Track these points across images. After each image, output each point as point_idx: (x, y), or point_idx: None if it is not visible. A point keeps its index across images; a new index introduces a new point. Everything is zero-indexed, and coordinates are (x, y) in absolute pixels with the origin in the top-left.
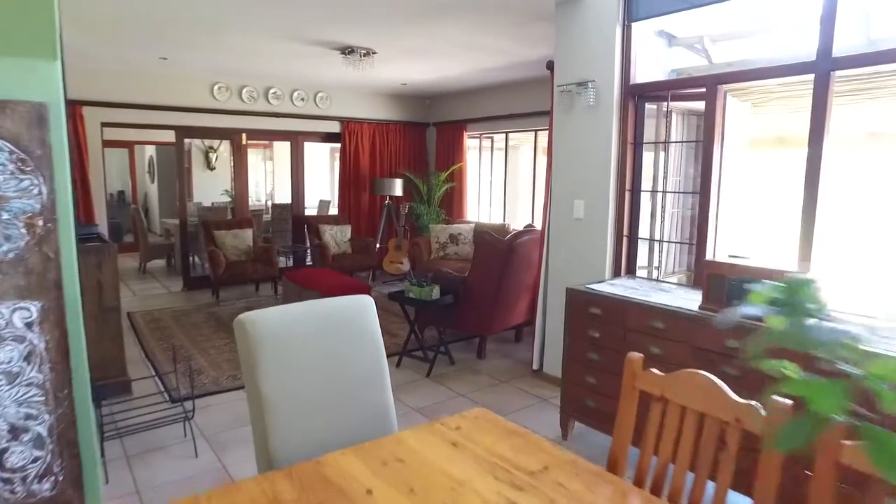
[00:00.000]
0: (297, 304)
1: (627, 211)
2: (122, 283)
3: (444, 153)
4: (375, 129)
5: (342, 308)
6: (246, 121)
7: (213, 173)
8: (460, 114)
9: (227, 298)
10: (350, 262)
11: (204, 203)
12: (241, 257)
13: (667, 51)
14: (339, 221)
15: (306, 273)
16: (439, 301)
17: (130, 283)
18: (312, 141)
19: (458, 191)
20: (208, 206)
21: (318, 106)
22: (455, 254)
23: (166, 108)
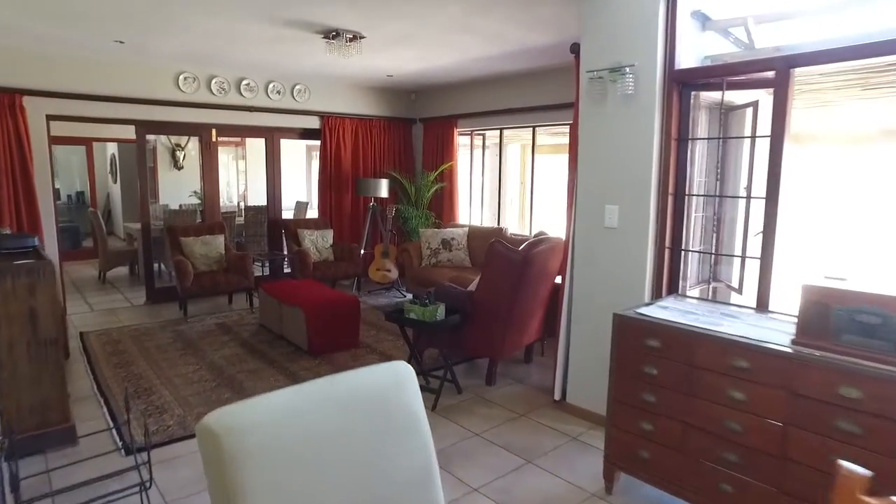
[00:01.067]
0: (301, 387)
1: (670, 218)
2: (78, 295)
3: (433, 151)
4: (358, 124)
5: (371, 386)
6: (216, 115)
7: (180, 173)
8: (450, 108)
9: (196, 313)
10: (333, 270)
11: (171, 205)
12: (212, 267)
13: (699, 35)
14: (319, 226)
15: (286, 285)
16: (445, 322)
17: (89, 294)
18: (289, 137)
19: (448, 192)
20: (175, 209)
21: (296, 99)
22: (448, 261)
23: (124, 99)
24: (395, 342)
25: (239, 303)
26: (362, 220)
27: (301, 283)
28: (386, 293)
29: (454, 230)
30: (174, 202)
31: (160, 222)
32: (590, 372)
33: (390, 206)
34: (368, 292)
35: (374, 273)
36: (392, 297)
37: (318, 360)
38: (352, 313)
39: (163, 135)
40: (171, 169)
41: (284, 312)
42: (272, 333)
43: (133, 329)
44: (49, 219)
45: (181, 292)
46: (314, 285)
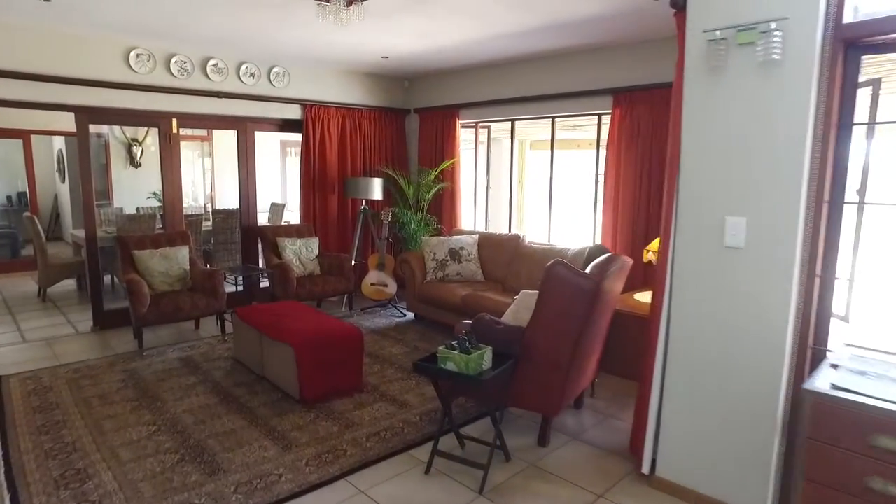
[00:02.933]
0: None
1: (823, 235)
2: (9, 317)
3: (431, 146)
4: (345, 115)
5: None
6: (177, 101)
7: (138, 172)
8: (451, 97)
9: (154, 344)
10: (320, 286)
11: (127, 209)
12: (174, 286)
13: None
14: (303, 233)
15: (266, 311)
16: (498, 377)
17: (23, 316)
18: (266, 130)
19: (449, 193)
20: (132, 214)
21: (273, 84)
22: (458, 274)
23: (58, 79)
24: (405, 382)
25: (208, 328)
26: (352, 227)
27: (283, 305)
28: (381, 311)
29: (463, 238)
30: (131, 205)
31: (113, 228)
32: (693, 438)
33: (385, 209)
34: (362, 310)
35: (367, 288)
36: (390, 317)
37: (312, 411)
38: (353, 349)
39: (111, 125)
40: (128, 166)
41: (267, 348)
42: (251, 374)
43: (72, 369)
44: None
45: (135, 320)
46: (301, 310)
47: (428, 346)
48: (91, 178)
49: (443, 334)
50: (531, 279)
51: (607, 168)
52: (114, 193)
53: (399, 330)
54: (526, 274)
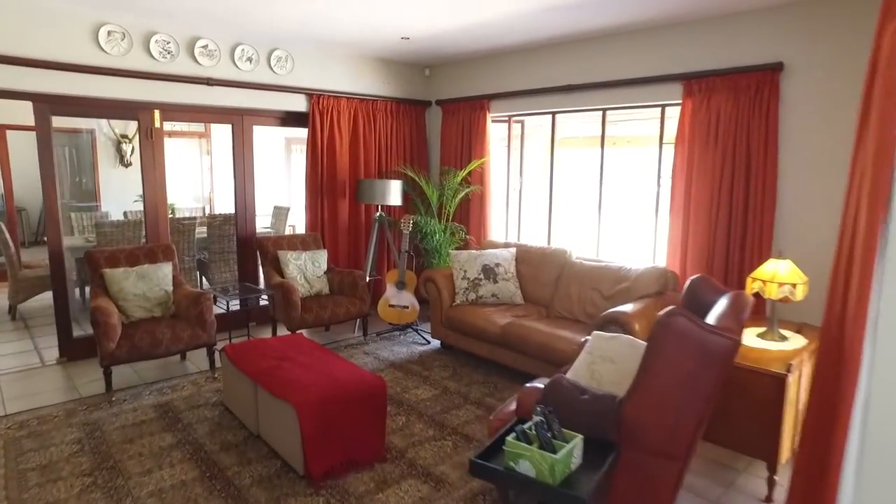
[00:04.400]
0: None
1: None
2: None
3: (455, 143)
4: (358, 107)
5: None
6: (159, 89)
7: (128, 171)
8: (480, 86)
9: (128, 382)
10: (330, 309)
11: (114, 213)
12: (154, 311)
13: None
14: (308, 245)
15: (262, 350)
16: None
17: None
18: (265, 123)
19: (478, 198)
20: (114, 221)
21: (274, 70)
22: (493, 296)
23: (7, 59)
24: (439, 444)
25: (195, 358)
26: (365, 237)
27: (285, 342)
28: (401, 336)
29: (498, 252)
30: (120, 209)
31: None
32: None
33: (405, 216)
34: (378, 336)
35: (385, 310)
36: (411, 343)
37: (321, 494)
38: (374, 408)
39: (79, 117)
40: (117, 166)
41: (264, 402)
42: (243, 429)
43: (17, 423)
44: None
45: (102, 358)
46: (306, 350)
47: (461, 387)
48: (54, 180)
49: (478, 370)
50: (583, 303)
51: (675, 170)
52: (101, 196)
53: (423, 362)
54: (577, 297)
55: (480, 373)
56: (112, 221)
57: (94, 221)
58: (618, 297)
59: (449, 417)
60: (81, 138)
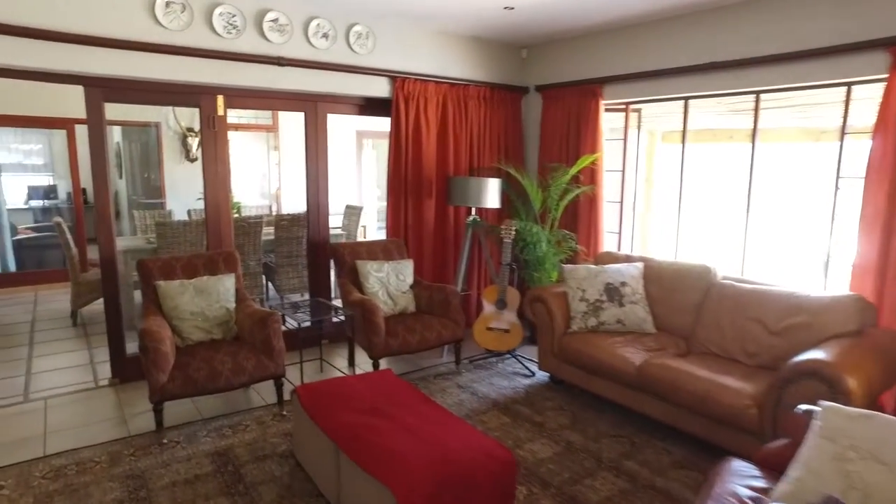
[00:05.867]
0: None
1: None
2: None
3: (559, 136)
4: (447, 93)
5: None
6: (222, 70)
7: (193, 167)
8: (592, 68)
9: (181, 420)
10: (419, 333)
11: (178, 212)
12: (213, 333)
13: None
14: (391, 254)
15: (344, 395)
16: None
17: (45, 349)
18: (341, 112)
19: (587, 202)
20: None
21: (354, 49)
22: (618, 322)
23: (55, 36)
24: None
25: (263, 391)
26: (453, 245)
27: (371, 382)
28: (497, 364)
29: (623, 269)
30: (184, 207)
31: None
32: None
33: (507, 222)
34: (471, 362)
35: (482, 334)
36: (511, 374)
37: None
38: (501, 494)
39: (135, 103)
40: (183, 161)
41: (348, 472)
42: (320, 499)
43: (54, 469)
44: None
45: (152, 392)
46: (402, 395)
47: (587, 441)
48: (106, 176)
49: (604, 417)
50: (741, 339)
51: (871, 168)
52: (167, 193)
53: (533, 402)
54: (731, 329)
55: (607, 421)
56: (173, 222)
57: (155, 221)
58: (791, 333)
59: (583, 490)
60: (149, 132)
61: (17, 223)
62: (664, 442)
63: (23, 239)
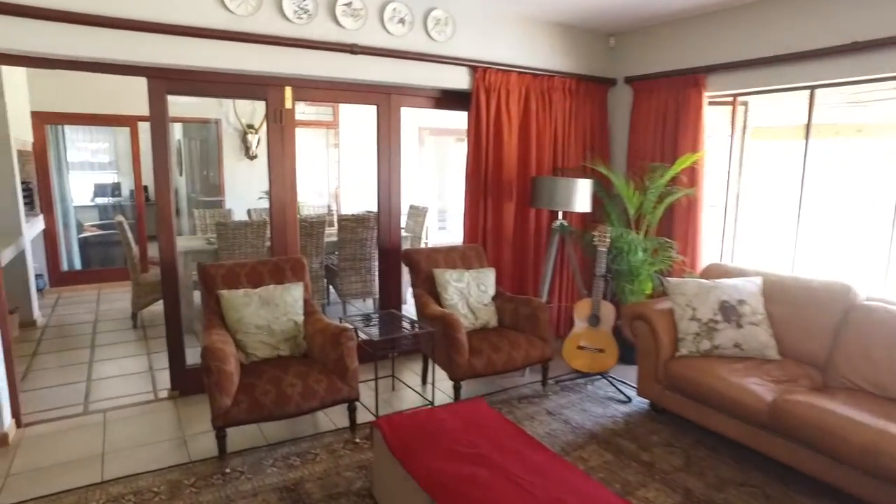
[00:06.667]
0: None
1: None
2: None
3: (652, 133)
4: (530, 85)
5: None
6: (291, 60)
7: (253, 165)
8: (691, 56)
9: (243, 443)
10: (505, 351)
11: (237, 211)
12: (280, 349)
13: None
14: (470, 261)
15: (434, 436)
16: None
17: (107, 353)
18: (415, 104)
19: (684, 207)
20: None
21: (431, 36)
22: (736, 346)
23: (118, 23)
24: None
25: (332, 412)
26: (535, 252)
27: (464, 417)
28: (586, 386)
29: (739, 284)
30: (243, 206)
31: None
32: None
33: (601, 228)
34: (557, 383)
35: (572, 353)
36: (604, 399)
37: None
38: None
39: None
40: (242, 158)
41: None
42: None
43: (112, 497)
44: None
45: (214, 416)
46: (505, 437)
47: (709, 489)
48: (168, 174)
49: (723, 458)
50: None
51: None
52: (226, 191)
53: (635, 435)
54: (886, 361)
55: (729, 464)
56: (234, 222)
57: (216, 221)
58: None
59: None
60: (209, 129)
61: (83, 220)
62: (809, 498)
63: (88, 237)
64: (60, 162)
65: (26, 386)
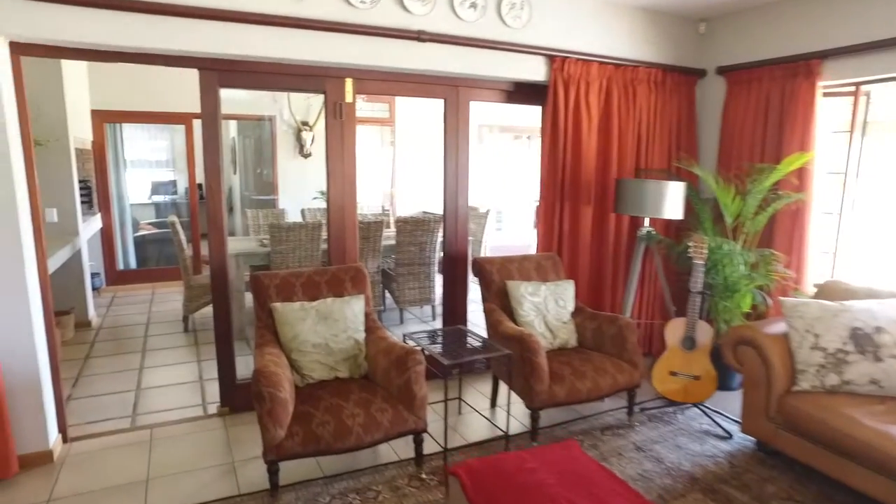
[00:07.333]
0: None
1: None
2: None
3: (749, 130)
4: (612, 76)
5: None
6: (352, 48)
7: (306, 163)
8: (802, 41)
9: (296, 475)
10: (591, 378)
11: (291, 211)
12: (337, 370)
13: None
14: (545, 272)
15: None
16: None
17: (158, 358)
18: (484, 98)
19: (790, 214)
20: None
21: (506, 22)
22: (872, 382)
23: (168, 9)
24: None
25: (397, 444)
26: (614, 262)
27: (554, 466)
28: (676, 415)
29: (877, 307)
30: (296, 206)
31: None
32: None
33: (696, 237)
34: (642, 411)
35: (663, 379)
36: (703, 436)
37: None
38: None
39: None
40: (296, 156)
41: None
42: None
43: None
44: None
45: (266, 448)
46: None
47: None
48: (220, 173)
49: None
50: None
51: None
52: (280, 190)
53: (744, 481)
54: None
55: None
56: (288, 224)
57: (269, 222)
58: None
59: None
60: (262, 127)
61: (139, 218)
62: None
63: (144, 235)
64: (118, 160)
65: (77, 392)
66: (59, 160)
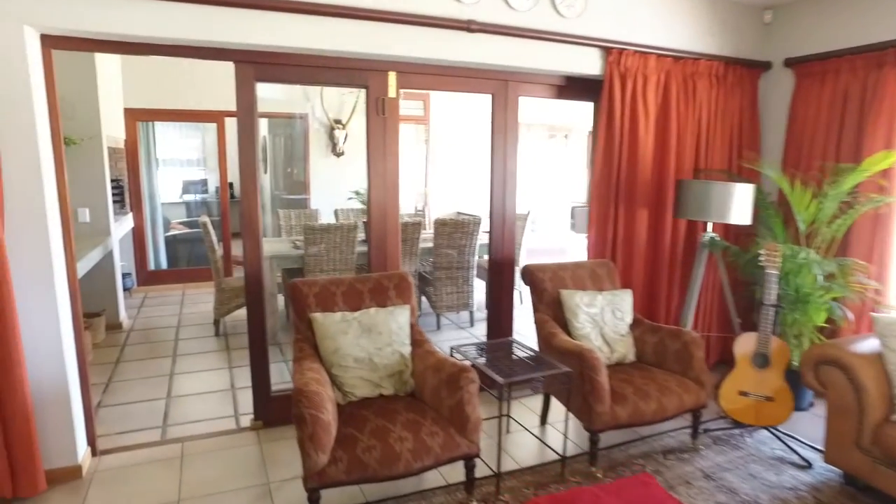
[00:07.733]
0: None
1: None
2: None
3: (822, 128)
4: (671, 70)
5: None
6: (396, 39)
7: (339, 162)
8: (888, 26)
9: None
10: (655, 398)
11: (324, 211)
12: (382, 387)
13: None
14: (601, 280)
15: None
16: None
17: (189, 364)
18: (534, 94)
19: (869, 220)
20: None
21: (559, 11)
22: None
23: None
24: None
25: (448, 469)
26: (671, 271)
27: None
28: (745, 440)
29: None
30: (329, 206)
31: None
32: None
33: (769, 245)
34: (706, 433)
35: (731, 398)
36: (778, 465)
37: None
38: None
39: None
40: (328, 155)
41: None
42: None
43: None
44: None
45: (307, 475)
46: None
47: None
48: (255, 172)
49: None
50: None
51: None
52: (311, 189)
53: None
54: None
55: None
56: (321, 225)
57: (303, 224)
58: None
59: None
60: (294, 125)
61: (170, 217)
62: None
63: (175, 234)
64: (150, 158)
65: (107, 399)
66: (92, 159)
